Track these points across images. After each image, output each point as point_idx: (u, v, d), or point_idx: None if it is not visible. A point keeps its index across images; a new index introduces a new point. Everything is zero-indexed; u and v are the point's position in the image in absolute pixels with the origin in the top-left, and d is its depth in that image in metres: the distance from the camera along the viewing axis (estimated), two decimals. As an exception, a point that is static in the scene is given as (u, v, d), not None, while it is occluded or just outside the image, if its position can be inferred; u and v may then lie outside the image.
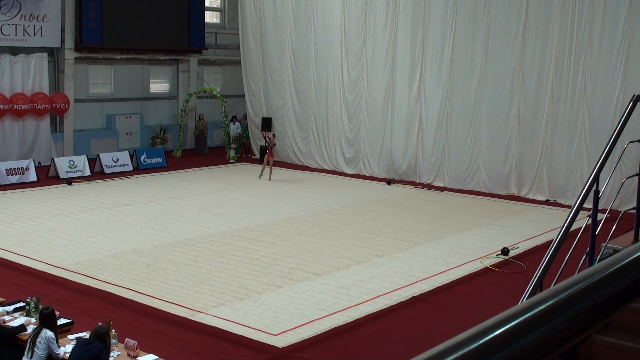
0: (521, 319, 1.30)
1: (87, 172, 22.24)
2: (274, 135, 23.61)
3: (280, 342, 9.62)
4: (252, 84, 27.00)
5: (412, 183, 22.34)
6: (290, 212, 17.73)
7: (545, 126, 19.86)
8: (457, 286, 12.34)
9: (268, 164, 22.17)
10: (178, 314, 10.60)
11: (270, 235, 15.38)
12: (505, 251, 14.25)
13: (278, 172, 23.43)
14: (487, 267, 13.45)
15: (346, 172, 24.09)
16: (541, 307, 1.34)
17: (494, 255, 14.20)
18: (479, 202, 19.75)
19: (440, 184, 21.90)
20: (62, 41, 24.02)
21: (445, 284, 12.36)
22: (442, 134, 21.91)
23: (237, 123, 27.36)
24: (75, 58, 24.59)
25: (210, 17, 29.66)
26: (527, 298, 4.11)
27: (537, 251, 14.31)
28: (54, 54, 24.34)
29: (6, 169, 20.76)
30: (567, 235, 5.06)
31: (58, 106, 23.63)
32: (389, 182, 22.37)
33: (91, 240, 14.70)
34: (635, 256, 1.56)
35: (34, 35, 23.18)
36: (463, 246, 14.87)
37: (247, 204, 18.77)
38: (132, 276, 12.36)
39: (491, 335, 1.25)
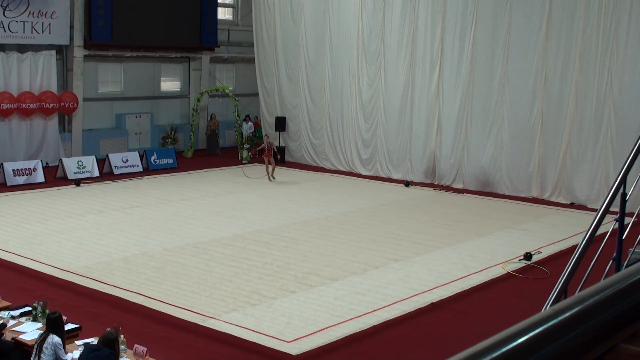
0: (544, 327, 1.32)
1: (96, 173, 22.18)
2: (266, 135, 23.57)
3: (294, 349, 9.59)
4: (267, 82, 26.84)
5: (431, 185, 22.18)
6: (305, 215, 17.71)
7: (570, 126, 19.59)
8: (478, 292, 12.25)
9: (270, 163, 22.07)
10: (189, 320, 10.58)
11: (284, 238, 15.34)
12: (528, 256, 14.11)
13: (293, 173, 23.67)
14: (509, 272, 13.33)
15: (362, 173, 24.01)
16: (565, 315, 1.36)
17: (516, 260, 14.09)
18: (500, 205, 19.62)
19: (460, 186, 21.71)
20: (71, 39, 23.95)
21: (465, 290, 12.26)
22: (462, 134, 21.69)
23: (249, 123, 27.15)
24: (85, 56, 24.53)
25: (223, 14, 29.66)
26: (551, 305, 4.22)
27: (561, 256, 14.21)
28: (62, 52, 24.28)
29: (13, 170, 20.70)
30: (593, 239, 4.93)
31: (66, 105, 23.59)
32: (407, 184, 22.19)
33: (100, 243, 14.71)
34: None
35: (42, 32, 23.10)
36: (484, 251, 14.81)
37: (260, 206, 18.73)
38: (142, 280, 12.39)
39: (512, 344, 1.26)
